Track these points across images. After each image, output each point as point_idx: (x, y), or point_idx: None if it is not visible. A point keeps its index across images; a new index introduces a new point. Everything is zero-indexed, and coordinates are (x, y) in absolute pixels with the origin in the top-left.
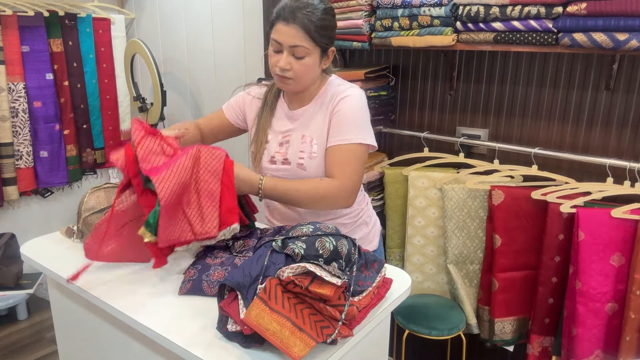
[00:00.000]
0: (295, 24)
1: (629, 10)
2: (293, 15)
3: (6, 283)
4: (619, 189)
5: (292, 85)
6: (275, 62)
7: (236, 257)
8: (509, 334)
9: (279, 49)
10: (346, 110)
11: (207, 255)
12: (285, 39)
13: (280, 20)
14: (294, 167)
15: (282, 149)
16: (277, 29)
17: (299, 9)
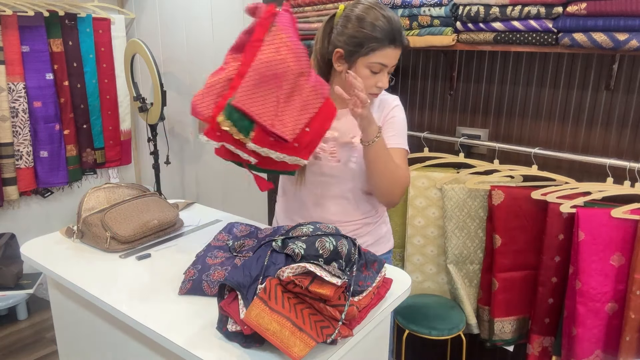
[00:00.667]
0: (402, 46)
1: (629, 10)
2: (402, 37)
3: (6, 283)
4: (619, 189)
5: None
6: (374, 83)
7: (236, 257)
8: (509, 333)
9: (379, 70)
10: (400, 118)
11: (207, 255)
12: (392, 61)
13: (393, 44)
14: (345, 167)
15: (327, 145)
16: (386, 53)
17: (402, 30)
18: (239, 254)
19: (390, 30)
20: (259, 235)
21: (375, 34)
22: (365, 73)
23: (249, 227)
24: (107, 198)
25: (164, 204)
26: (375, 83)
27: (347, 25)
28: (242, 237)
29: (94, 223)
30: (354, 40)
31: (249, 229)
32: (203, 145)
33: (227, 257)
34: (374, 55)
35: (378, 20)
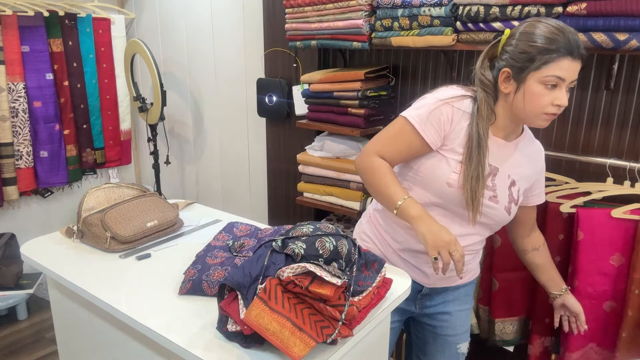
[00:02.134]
0: (580, 59)
1: (629, 10)
2: (579, 50)
3: (6, 283)
4: (619, 189)
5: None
6: (550, 100)
7: (236, 257)
8: (510, 334)
9: (554, 84)
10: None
11: (207, 255)
12: (570, 75)
13: (568, 56)
14: (502, 209)
15: (490, 184)
16: (562, 65)
17: (580, 43)
18: (239, 254)
19: (567, 40)
20: (259, 235)
21: (548, 45)
22: (538, 90)
23: (249, 227)
24: (107, 198)
25: (164, 204)
26: (552, 101)
27: (512, 42)
28: (242, 237)
29: (94, 223)
30: (524, 56)
31: (249, 228)
32: (203, 145)
33: (227, 257)
34: (547, 68)
35: (550, 32)
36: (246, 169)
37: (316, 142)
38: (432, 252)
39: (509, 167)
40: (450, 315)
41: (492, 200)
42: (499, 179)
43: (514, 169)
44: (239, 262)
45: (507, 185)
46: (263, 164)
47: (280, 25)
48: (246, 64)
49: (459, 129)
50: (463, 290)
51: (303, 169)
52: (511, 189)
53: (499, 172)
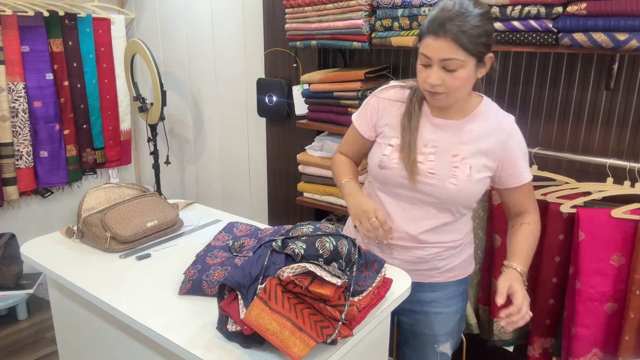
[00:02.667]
0: (445, 36)
1: (629, 10)
2: (443, 27)
3: (6, 283)
4: (619, 189)
5: (444, 100)
6: (425, 77)
7: (236, 257)
8: (509, 334)
9: (427, 63)
10: (523, 145)
11: (207, 255)
12: (434, 53)
13: (430, 34)
14: (445, 185)
15: (424, 158)
16: (426, 43)
17: (449, 20)
18: (239, 254)
19: (431, 19)
20: (259, 235)
21: (424, 23)
22: (418, 68)
23: (249, 227)
24: (107, 198)
25: (164, 204)
26: (426, 78)
27: None
28: (242, 237)
29: (94, 223)
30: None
31: (249, 228)
32: (203, 145)
33: (227, 257)
34: (421, 45)
35: (435, 9)
36: (246, 169)
37: (316, 142)
38: (354, 221)
39: (454, 144)
40: (426, 316)
41: (430, 177)
42: (439, 156)
43: (461, 146)
44: (239, 262)
45: (449, 162)
46: (263, 164)
47: (280, 25)
48: (246, 64)
49: (387, 116)
50: (445, 293)
51: (303, 169)
52: (459, 164)
53: (439, 149)
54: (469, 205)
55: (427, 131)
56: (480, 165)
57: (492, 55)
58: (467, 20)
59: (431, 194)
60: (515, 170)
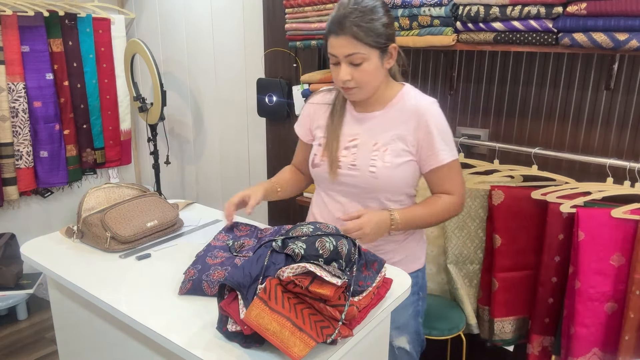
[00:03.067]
0: (344, 34)
1: (629, 10)
2: (341, 25)
3: (6, 283)
4: (619, 189)
5: (359, 94)
6: (336, 75)
7: (236, 257)
8: (509, 333)
9: (336, 62)
10: (442, 130)
11: (207, 255)
12: (338, 50)
13: (331, 34)
14: (365, 174)
15: (347, 152)
16: (330, 43)
17: (346, 17)
18: (239, 254)
19: (331, 20)
20: (259, 235)
21: (327, 24)
22: (330, 67)
23: (249, 227)
24: (107, 198)
25: (164, 204)
26: (337, 75)
27: None
28: (242, 237)
29: (94, 223)
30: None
31: (249, 228)
32: (203, 145)
33: (227, 257)
34: (327, 46)
35: (334, 9)
36: (246, 169)
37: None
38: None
39: (374, 134)
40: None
41: (352, 169)
42: (361, 148)
43: (381, 135)
44: (239, 262)
45: (370, 151)
46: (263, 164)
47: (280, 25)
48: (246, 64)
49: (317, 119)
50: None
51: None
52: (379, 154)
53: (360, 141)
54: (396, 191)
55: (351, 126)
56: (399, 150)
57: (395, 45)
58: (363, 14)
59: (355, 185)
60: (433, 152)
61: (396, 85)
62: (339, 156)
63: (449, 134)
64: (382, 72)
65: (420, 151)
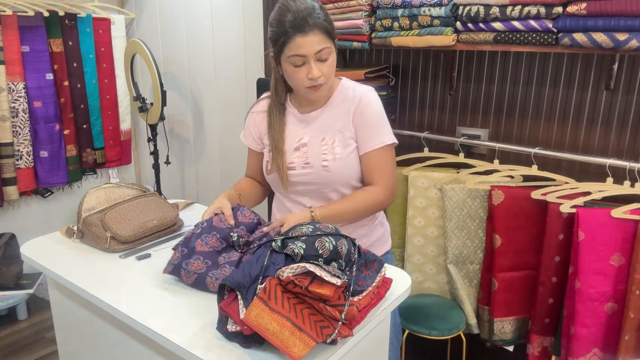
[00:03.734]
0: (312, 30)
1: (629, 10)
2: (307, 23)
3: (6, 283)
4: (619, 189)
5: (324, 91)
6: (304, 75)
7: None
8: (509, 333)
9: (301, 62)
10: (372, 115)
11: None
12: (308, 49)
13: (297, 33)
14: (318, 170)
15: (299, 153)
16: (296, 43)
17: (309, 15)
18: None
19: (292, 19)
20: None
21: (279, 29)
22: (290, 69)
23: (253, 214)
24: (107, 198)
25: (164, 204)
26: (306, 75)
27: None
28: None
29: (94, 223)
30: (271, 42)
31: (253, 217)
32: (203, 145)
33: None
34: (287, 50)
35: (279, 13)
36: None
37: None
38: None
39: (321, 130)
40: None
41: (306, 167)
42: (311, 146)
43: (326, 130)
44: (222, 260)
45: (320, 147)
46: None
47: None
48: (246, 64)
49: (263, 126)
50: None
51: None
52: (328, 148)
53: (309, 140)
54: (352, 180)
55: (297, 128)
56: (346, 140)
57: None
58: (318, 13)
59: (311, 181)
60: (365, 137)
61: (335, 81)
62: (291, 158)
63: (382, 120)
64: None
65: (357, 138)
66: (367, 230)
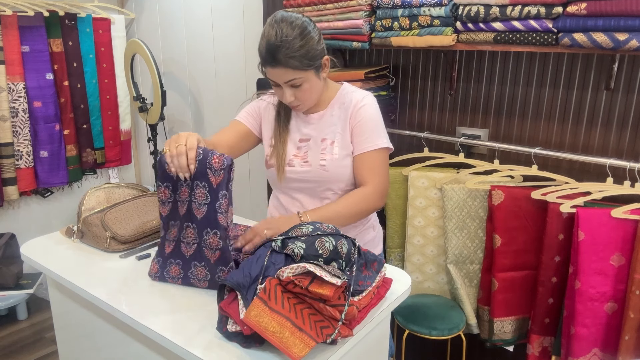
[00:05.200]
0: (279, 66)
1: (629, 10)
2: (274, 58)
3: (6, 283)
4: (619, 189)
5: (305, 107)
6: (280, 95)
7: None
8: (509, 333)
9: (277, 84)
10: (369, 117)
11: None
12: (277, 78)
13: (267, 65)
14: (316, 169)
15: (300, 152)
16: (267, 70)
17: (277, 50)
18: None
19: (262, 50)
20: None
21: (259, 51)
22: (273, 86)
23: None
24: (107, 198)
25: None
26: (281, 96)
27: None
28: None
29: (94, 223)
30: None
31: (245, 228)
32: None
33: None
34: (265, 70)
35: (262, 37)
36: (246, 168)
37: None
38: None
39: (322, 131)
40: None
41: (305, 165)
42: (312, 145)
43: (327, 131)
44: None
45: (319, 147)
46: (263, 163)
47: None
48: (246, 64)
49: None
50: None
51: None
52: (327, 148)
53: (311, 140)
54: (348, 182)
55: (300, 127)
56: (345, 143)
57: (327, 57)
58: (291, 45)
59: (308, 179)
60: (359, 140)
61: (335, 85)
62: (291, 155)
63: (377, 124)
64: (320, 83)
65: (352, 140)
66: (358, 232)
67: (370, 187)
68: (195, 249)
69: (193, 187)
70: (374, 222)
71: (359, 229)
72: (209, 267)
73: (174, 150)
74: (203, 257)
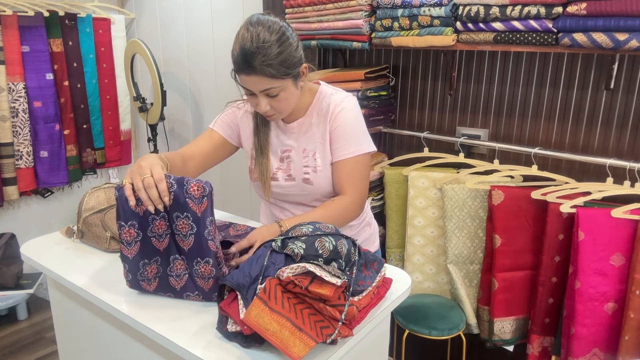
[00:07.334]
0: (255, 73)
1: (629, 10)
2: (249, 65)
3: (6, 283)
4: (619, 189)
5: (280, 117)
6: (254, 104)
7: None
8: (509, 333)
9: (251, 93)
10: (346, 122)
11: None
12: (252, 87)
13: (241, 72)
14: (300, 183)
15: (283, 164)
16: (241, 79)
17: (253, 57)
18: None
19: (237, 58)
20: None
21: (232, 57)
22: (246, 95)
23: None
24: (107, 198)
25: None
26: (255, 105)
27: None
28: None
29: (94, 223)
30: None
31: (245, 228)
32: None
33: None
34: (239, 78)
35: (235, 41)
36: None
37: None
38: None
39: (302, 142)
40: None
41: (288, 179)
42: (294, 158)
43: (308, 141)
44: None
45: (301, 159)
46: None
47: None
48: None
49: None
50: None
51: None
52: (310, 160)
53: (292, 151)
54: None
55: (280, 137)
56: (326, 151)
57: (305, 65)
58: (268, 52)
59: (294, 194)
60: (338, 145)
61: (312, 88)
62: (274, 168)
63: (356, 129)
64: (298, 92)
65: (331, 145)
66: (354, 231)
67: (348, 197)
68: (187, 279)
69: (173, 219)
70: (369, 220)
71: (356, 227)
72: (204, 295)
73: (140, 183)
74: (196, 287)
